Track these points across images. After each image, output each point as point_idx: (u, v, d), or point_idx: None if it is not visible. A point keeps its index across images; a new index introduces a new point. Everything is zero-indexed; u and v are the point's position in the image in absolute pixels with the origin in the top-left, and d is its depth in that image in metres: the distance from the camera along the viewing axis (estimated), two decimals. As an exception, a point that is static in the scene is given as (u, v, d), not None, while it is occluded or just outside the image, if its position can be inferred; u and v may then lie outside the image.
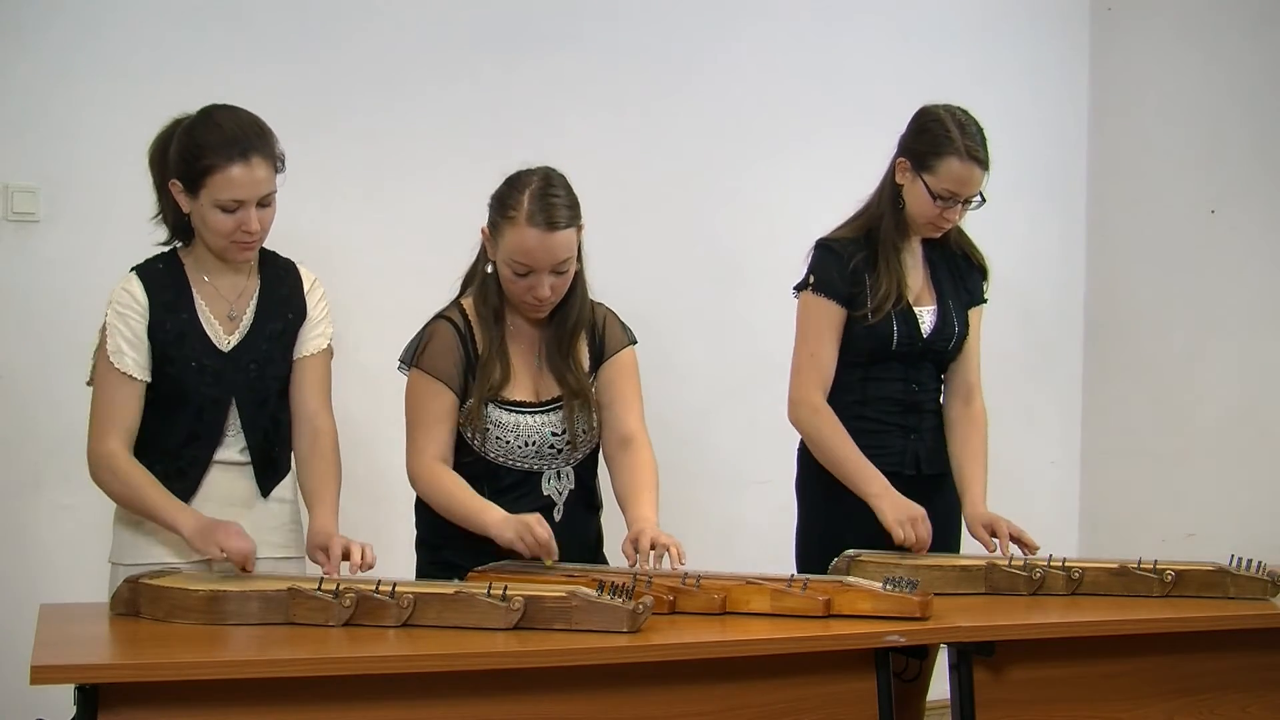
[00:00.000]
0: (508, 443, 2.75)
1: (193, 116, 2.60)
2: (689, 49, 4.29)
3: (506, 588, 2.28)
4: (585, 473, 2.83)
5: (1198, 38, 4.50)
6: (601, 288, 2.87)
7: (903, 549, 2.87)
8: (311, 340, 2.73)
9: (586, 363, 2.83)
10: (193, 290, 2.64)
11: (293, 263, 2.76)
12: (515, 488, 2.75)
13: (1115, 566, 2.76)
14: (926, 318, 3.08)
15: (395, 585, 2.30)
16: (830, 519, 3.04)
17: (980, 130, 3.00)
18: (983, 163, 2.98)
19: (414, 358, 2.76)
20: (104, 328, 2.61)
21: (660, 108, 4.24)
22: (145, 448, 2.61)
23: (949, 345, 3.11)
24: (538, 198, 2.66)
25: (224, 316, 2.66)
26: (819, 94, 4.43)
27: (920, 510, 2.90)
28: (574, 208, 2.70)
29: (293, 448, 2.73)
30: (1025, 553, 2.91)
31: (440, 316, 2.79)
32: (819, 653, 2.36)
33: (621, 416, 2.82)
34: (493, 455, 2.75)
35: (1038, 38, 4.77)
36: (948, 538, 3.11)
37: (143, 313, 2.60)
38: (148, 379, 2.61)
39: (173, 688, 2.04)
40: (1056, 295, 4.82)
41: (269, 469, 2.70)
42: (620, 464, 2.82)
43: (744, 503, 4.26)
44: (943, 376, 3.17)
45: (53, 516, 3.58)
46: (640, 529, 2.66)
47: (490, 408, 2.74)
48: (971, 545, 3.07)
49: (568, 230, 2.68)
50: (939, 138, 2.98)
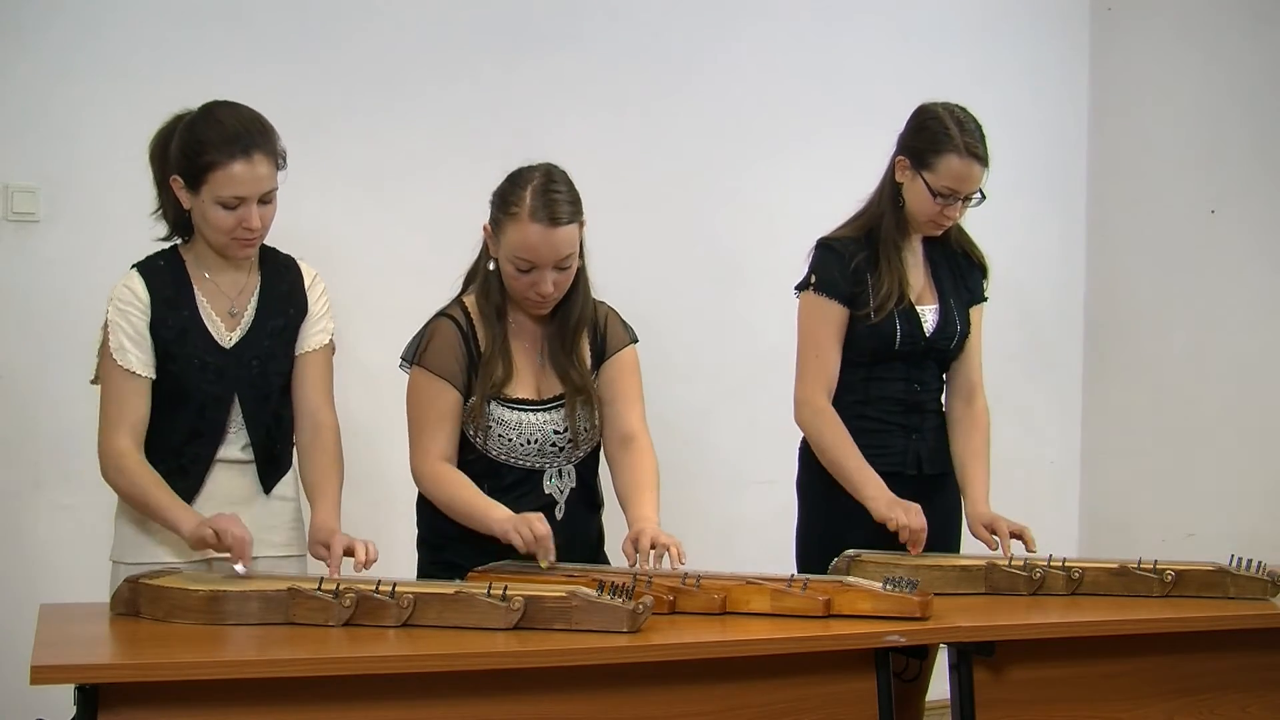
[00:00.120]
0: (510, 440, 2.75)
1: (194, 112, 2.59)
2: (689, 49, 4.28)
3: (506, 588, 2.28)
4: (587, 471, 2.83)
5: (1198, 38, 4.50)
6: (602, 287, 2.87)
7: (903, 549, 2.87)
8: (313, 336, 2.73)
9: (588, 360, 2.83)
10: (194, 287, 2.64)
11: (293, 259, 2.76)
12: (517, 486, 2.75)
13: (1115, 566, 2.76)
14: (928, 317, 3.08)
15: (395, 585, 2.30)
16: (831, 519, 3.04)
17: (979, 127, 3.00)
18: (982, 159, 2.98)
19: (416, 356, 2.76)
20: (106, 325, 2.61)
21: (660, 108, 4.24)
22: (148, 446, 2.61)
23: (951, 344, 3.11)
24: (540, 193, 2.66)
25: (225, 313, 2.65)
26: (819, 94, 4.43)
27: (914, 505, 2.90)
28: (576, 203, 2.70)
29: (295, 443, 2.73)
30: (1026, 549, 2.91)
31: (442, 314, 2.79)
32: (819, 653, 2.36)
33: (623, 415, 2.82)
34: (494, 453, 2.75)
35: (1038, 38, 4.77)
36: (948, 538, 3.11)
37: (144, 309, 2.59)
38: (152, 375, 2.60)
39: (173, 688, 2.04)
40: (1056, 295, 4.82)
41: (271, 465, 2.70)
42: (621, 463, 2.82)
43: (744, 503, 4.25)
44: (944, 376, 3.17)
45: (53, 516, 3.58)
46: (640, 528, 2.66)
47: (492, 405, 2.73)
48: (971, 545, 3.07)
49: (570, 225, 2.67)
50: (938, 135, 2.98)
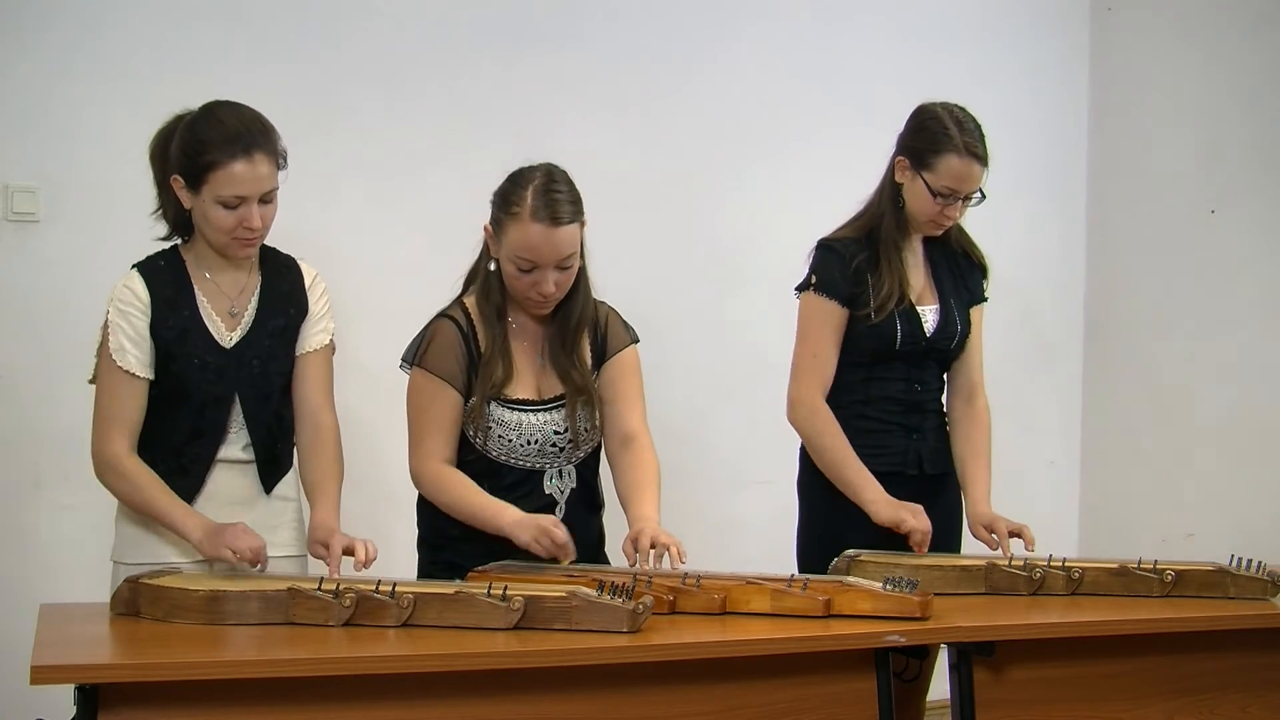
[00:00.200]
0: (510, 441, 2.74)
1: (195, 112, 2.59)
2: (689, 49, 4.28)
3: (506, 588, 2.28)
4: (587, 472, 2.83)
5: (1198, 38, 4.50)
6: (602, 287, 2.86)
7: (904, 549, 2.87)
8: (313, 336, 2.73)
9: (589, 360, 2.83)
10: (194, 287, 2.64)
11: (294, 259, 2.76)
12: (517, 486, 2.75)
13: (1115, 566, 2.76)
14: (929, 317, 3.08)
15: (395, 585, 2.30)
16: (831, 519, 3.03)
17: (978, 126, 3.00)
18: (981, 159, 2.98)
19: (416, 357, 2.76)
20: (105, 325, 2.60)
21: (660, 108, 4.24)
22: (148, 446, 2.61)
23: (952, 344, 3.11)
24: (541, 193, 2.66)
25: (225, 313, 2.65)
26: (819, 94, 4.43)
27: (916, 506, 2.90)
28: (577, 203, 2.70)
29: (295, 443, 2.73)
30: (1027, 549, 2.91)
31: (442, 315, 2.79)
32: (819, 653, 2.36)
33: (624, 415, 2.82)
34: (495, 454, 2.75)
35: (1038, 38, 4.77)
36: (949, 538, 3.11)
37: (144, 310, 2.59)
38: (150, 376, 2.60)
39: (173, 688, 2.04)
40: (1056, 295, 4.82)
41: (272, 465, 2.70)
42: (622, 463, 2.82)
43: (744, 503, 4.25)
44: (945, 376, 3.17)
45: (53, 516, 3.58)
46: (641, 528, 2.66)
47: (493, 406, 2.73)
48: (972, 545, 3.07)
49: (571, 225, 2.67)
50: (937, 135, 2.98)
